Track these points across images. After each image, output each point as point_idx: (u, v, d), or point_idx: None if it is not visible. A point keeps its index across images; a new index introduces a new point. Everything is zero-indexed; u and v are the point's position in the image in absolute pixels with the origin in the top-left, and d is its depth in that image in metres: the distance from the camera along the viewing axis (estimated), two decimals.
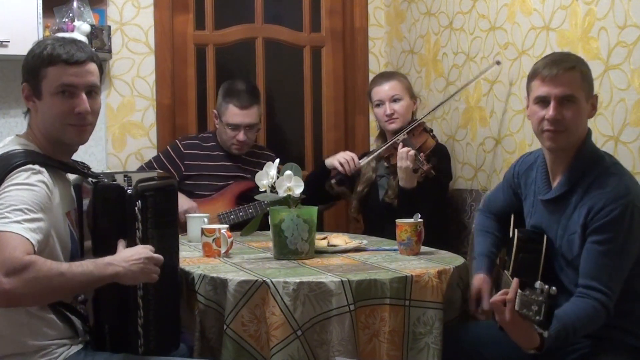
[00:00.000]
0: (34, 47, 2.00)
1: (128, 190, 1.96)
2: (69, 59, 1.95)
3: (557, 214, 2.20)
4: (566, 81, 2.12)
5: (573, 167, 2.17)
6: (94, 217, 1.98)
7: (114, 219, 1.96)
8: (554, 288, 1.80)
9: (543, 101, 2.15)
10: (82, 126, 2.00)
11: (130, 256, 1.87)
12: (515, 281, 1.95)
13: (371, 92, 3.35)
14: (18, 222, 1.76)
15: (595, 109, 2.23)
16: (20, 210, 1.78)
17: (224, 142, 3.50)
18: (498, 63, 3.20)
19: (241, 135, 3.43)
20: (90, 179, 2.04)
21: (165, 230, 2.08)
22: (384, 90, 3.28)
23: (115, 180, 1.99)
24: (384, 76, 3.39)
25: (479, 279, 2.37)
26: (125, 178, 1.99)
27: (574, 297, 2.07)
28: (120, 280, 1.85)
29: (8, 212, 1.76)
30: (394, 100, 3.26)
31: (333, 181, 3.27)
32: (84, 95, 1.97)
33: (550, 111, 2.13)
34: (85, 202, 2.05)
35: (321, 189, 3.29)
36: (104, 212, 1.97)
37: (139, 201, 1.96)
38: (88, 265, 1.81)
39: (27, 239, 1.75)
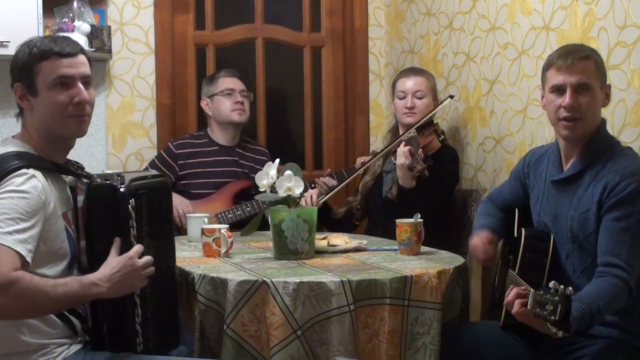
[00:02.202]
0: (21, 48, 2.00)
1: (121, 189, 1.95)
2: (62, 51, 1.96)
3: (568, 194, 2.21)
4: (581, 69, 2.15)
5: (587, 150, 2.19)
6: (88, 217, 1.98)
7: (108, 218, 1.96)
8: (570, 289, 1.80)
9: (559, 90, 2.18)
10: (81, 117, 1.99)
11: (114, 273, 1.88)
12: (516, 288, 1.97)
13: (396, 83, 3.37)
14: (10, 232, 1.77)
15: (609, 98, 2.25)
16: (12, 219, 1.79)
17: (224, 118, 3.53)
18: (451, 97, 3.29)
19: (239, 96, 3.53)
20: (83, 179, 2.03)
21: (161, 228, 2.08)
22: (410, 83, 3.30)
23: (108, 180, 1.99)
24: (413, 71, 3.42)
25: (479, 233, 2.38)
26: (118, 177, 1.99)
27: (594, 278, 2.07)
28: (105, 297, 1.88)
29: (0, 221, 1.78)
30: (418, 95, 3.28)
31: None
32: (80, 85, 1.98)
33: (567, 99, 2.15)
34: (80, 199, 2.04)
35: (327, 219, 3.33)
36: (98, 211, 1.97)
37: (133, 199, 1.96)
38: (73, 285, 1.83)
39: (18, 251, 1.77)
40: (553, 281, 1.85)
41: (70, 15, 3.49)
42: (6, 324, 1.87)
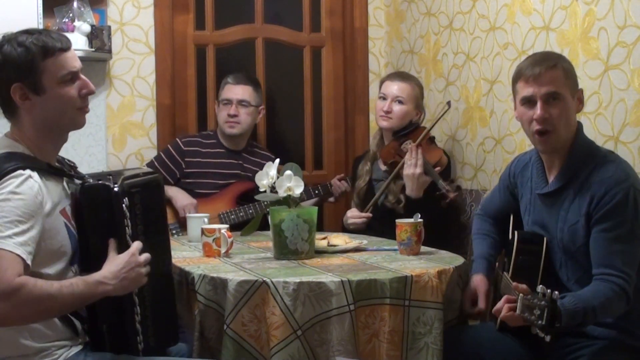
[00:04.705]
0: (9, 48, 1.90)
1: (115, 188, 1.94)
2: (63, 47, 1.94)
3: (555, 207, 2.21)
4: (550, 79, 2.14)
5: (569, 161, 2.18)
6: (81, 218, 1.96)
7: (103, 218, 1.95)
8: (556, 292, 1.79)
9: (529, 101, 2.17)
10: (86, 107, 2.01)
11: (119, 270, 1.88)
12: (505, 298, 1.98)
13: (382, 84, 3.39)
14: (9, 236, 1.76)
15: (582, 103, 2.24)
16: (11, 222, 1.77)
17: (220, 127, 3.56)
18: (449, 104, 3.30)
19: (232, 109, 3.50)
20: (76, 180, 2.02)
21: (155, 226, 2.08)
22: (394, 88, 3.31)
23: (100, 180, 1.97)
24: (401, 76, 3.41)
25: (476, 279, 2.38)
26: (110, 176, 1.97)
27: (592, 282, 2.06)
28: (111, 295, 1.88)
29: (0, 224, 1.77)
30: (397, 100, 3.27)
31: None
32: (84, 77, 1.99)
33: (537, 110, 2.14)
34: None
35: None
36: (92, 212, 1.95)
37: (126, 198, 1.95)
38: (78, 285, 1.82)
39: (18, 255, 1.76)
40: (541, 285, 1.85)
41: (70, 15, 3.49)
42: (8, 328, 1.86)
